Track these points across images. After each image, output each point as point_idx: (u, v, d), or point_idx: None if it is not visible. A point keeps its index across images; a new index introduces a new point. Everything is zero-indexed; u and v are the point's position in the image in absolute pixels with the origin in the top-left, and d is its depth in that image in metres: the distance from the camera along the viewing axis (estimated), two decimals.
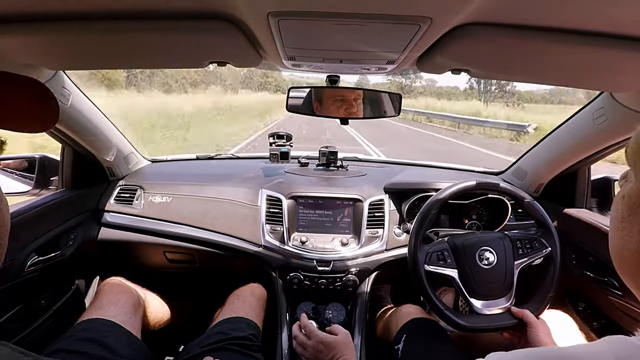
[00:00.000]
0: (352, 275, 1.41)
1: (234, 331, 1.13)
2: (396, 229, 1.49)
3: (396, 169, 1.89)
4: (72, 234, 1.37)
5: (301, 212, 1.48)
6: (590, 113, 1.18)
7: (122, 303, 1.15)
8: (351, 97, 1.31)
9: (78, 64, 1.04)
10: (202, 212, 1.52)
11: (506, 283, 1.16)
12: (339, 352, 1.00)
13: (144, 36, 0.75)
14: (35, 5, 0.65)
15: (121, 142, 1.56)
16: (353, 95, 1.31)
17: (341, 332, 1.06)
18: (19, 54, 0.84)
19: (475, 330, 1.14)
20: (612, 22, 0.62)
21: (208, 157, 2.00)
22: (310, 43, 0.80)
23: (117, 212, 1.55)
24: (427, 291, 1.15)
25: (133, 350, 1.03)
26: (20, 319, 1.18)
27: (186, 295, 1.82)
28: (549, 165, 1.46)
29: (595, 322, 1.33)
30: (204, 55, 0.89)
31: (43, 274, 1.23)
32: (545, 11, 0.60)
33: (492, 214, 1.54)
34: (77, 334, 1.00)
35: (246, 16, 0.67)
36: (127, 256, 1.68)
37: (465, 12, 0.59)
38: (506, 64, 0.86)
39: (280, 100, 3.75)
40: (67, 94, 1.16)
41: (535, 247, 1.19)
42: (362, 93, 1.31)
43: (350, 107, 1.32)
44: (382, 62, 0.91)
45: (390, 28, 0.66)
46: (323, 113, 1.32)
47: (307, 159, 1.85)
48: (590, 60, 0.77)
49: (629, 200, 0.42)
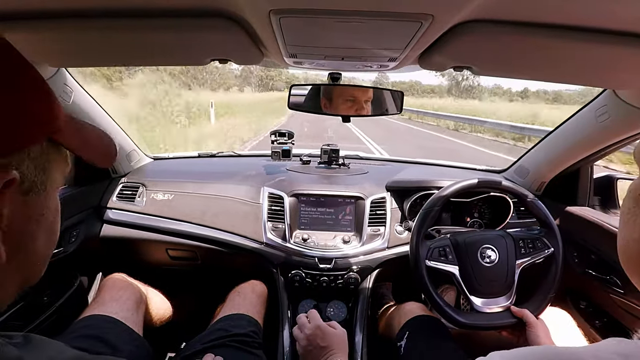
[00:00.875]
0: (354, 272, 1.42)
1: (235, 328, 1.13)
2: (398, 227, 1.49)
3: (398, 167, 1.89)
4: (74, 230, 1.37)
5: (303, 210, 1.49)
6: (593, 111, 1.18)
7: (124, 300, 1.16)
8: (363, 99, 1.31)
9: (80, 61, 1.04)
10: (204, 210, 1.52)
11: (507, 282, 1.16)
12: (334, 345, 0.99)
13: (146, 33, 0.75)
14: (38, 3, 0.65)
15: (123, 140, 1.56)
16: (365, 97, 1.31)
17: (339, 328, 1.06)
18: (21, 51, 0.84)
19: (474, 328, 1.15)
20: (616, 19, 0.61)
21: (210, 155, 2.00)
22: (312, 40, 0.80)
23: (119, 209, 1.55)
24: (428, 287, 1.15)
25: (135, 346, 1.03)
26: (23, 315, 1.18)
27: (188, 292, 1.82)
28: (551, 163, 1.45)
29: (597, 321, 1.33)
30: (205, 53, 0.89)
31: (45, 271, 1.23)
32: (547, 8, 0.60)
33: (494, 212, 1.54)
34: (79, 331, 1.00)
35: (248, 14, 0.66)
36: (130, 253, 1.68)
37: (467, 9, 0.58)
38: (509, 61, 0.86)
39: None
40: (69, 91, 1.16)
41: (538, 247, 1.19)
42: (372, 94, 1.31)
43: (361, 109, 1.32)
44: (384, 59, 0.91)
45: (391, 25, 0.65)
46: (332, 111, 1.31)
47: (309, 157, 1.85)
48: (594, 58, 0.76)
49: (634, 194, 0.44)
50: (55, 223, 0.49)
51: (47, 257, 0.50)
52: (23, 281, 0.46)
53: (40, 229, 0.45)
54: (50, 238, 0.49)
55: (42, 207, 0.45)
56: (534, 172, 1.55)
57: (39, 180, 0.43)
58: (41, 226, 0.45)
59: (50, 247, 0.49)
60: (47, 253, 0.49)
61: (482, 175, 1.82)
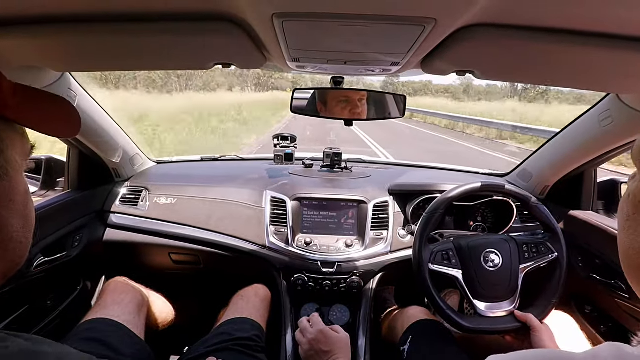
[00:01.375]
0: (357, 277, 1.41)
1: (238, 332, 1.13)
2: (401, 231, 1.48)
3: (400, 171, 1.89)
4: (78, 234, 1.37)
5: (305, 214, 1.48)
6: (596, 115, 1.17)
7: (125, 303, 1.16)
8: (355, 98, 1.30)
9: (83, 66, 1.04)
10: (206, 214, 1.52)
11: (511, 286, 1.15)
12: (336, 349, 0.99)
13: (149, 38, 0.76)
14: (41, 8, 0.65)
15: (127, 144, 1.57)
16: (357, 96, 1.30)
17: (342, 332, 1.05)
18: (26, 56, 0.84)
19: (478, 332, 1.14)
20: (620, 23, 0.61)
21: (212, 159, 2.01)
22: (315, 44, 0.80)
23: (122, 214, 1.55)
24: (431, 291, 1.14)
25: (136, 350, 1.03)
26: (27, 319, 1.18)
27: (190, 296, 1.82)
28: (555, 167, 1.45)
29: (601, 325, 1.32)
30: (208, 57, 0.89)
31: (49, 275, 1.24)
32: (550, 12, 0.60)
33: (497, 216, 1.54)
34: (81, 334, 1.00)
35: (250, 17, 0.67)
36: (133, 257, 1.68)
37: (470, 13, 0.58)
38: (511, 65, 0.86)
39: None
40: (74, 96, 1.17)
41: (542, 251, 1.18)
42: (366, 94, 1.31)
43: (355, 108, 1.31)
44: (387, 63, 0.91)
45: (394, 29, 0.66)
46: (327, 114, 1.32)
47: (311, 161, 1.85)
48: (597, 62, 0.76)
49: (634, 199, 0.43)
50: (26, 206, 0.47)
51: (26, 241, 0.48)
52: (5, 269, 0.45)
53: (12, 215, 0.44)
54: (26, 222, 0.47)
55: (8, 192, 0.44)
56: (537, 176, 1.54)
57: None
58: (12, 212, 0.44)
59: (27, 231, 0.48)
60: (26, 237, 0.48)
61: (485, 178, 1.82)
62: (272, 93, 36.67)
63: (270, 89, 44.81)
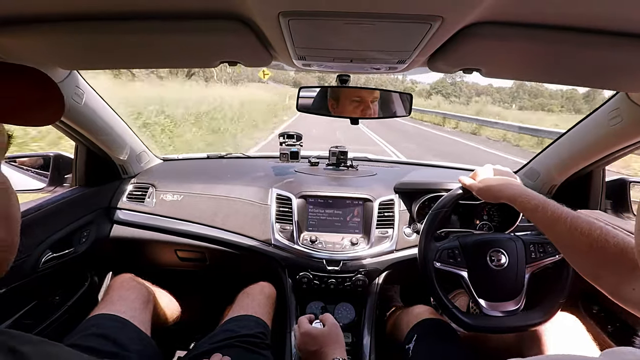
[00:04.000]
0: (362, 275, 1.41)
1: (243, 329, 1.14)
2: (406, 229, 1.48)
3: (406, 169, 1.88)
4: (85, 231, 1.39)
5: (311, 212, 1.49)
6: (605, 113, 1.16)
7: (132, 299, 1.17)
8: (369, 99, 1.31)
9: (90, 64, 1.05)
10: (213, 211, 1.53)
11: (516, 286, 1.14)
12: (323, 345, 0.98)
13: (156, 36, 0.76)
14: (48, 6, 0.66)
15: (134, 141, 1.58)
16: (370, 97, 1.31)
17: (328, 323, 1.04)
18: (33, 54, 0.85)
19: (483, 331, 1.14)
20: (629, 21, 0.60)
21: (219, 156, 2.01)
22: (321, 43, 0.80)
23: (129, 210, 1.56)
24: (436, 288, 1.14)
25: (142, 346, 1.04)
26: (35, 315, 1.20)
27: (196, 293, 1.83)
28: (563, 166, 1.43)
29: (609, 326, 1.30)
30: (215, 55, 0.89)
31: (57, 271, 1.25)
32: (558, 10, 0.59)
33: (504, 215, 1.52)
34: (87, 330, 1.01)
35: (257, 16, 0.67)
36: (139, 254, 1.70)
37: (477, 11, 0.58)
38: (519, 63, 0.85)
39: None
40: (81, 94, 1.18)
41: (548, 251, 1.17)
42: (379, 94, 1.31)
43: (367, 108, 1.32)
44: (393, 61, 0.91)
45: (400, 27, 0.65)
46: (339, 113, 1.32)
47: (317, 159, 1.85)
48: (606, 60, 0.75)
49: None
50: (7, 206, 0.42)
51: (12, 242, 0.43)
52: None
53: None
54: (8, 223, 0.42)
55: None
56: (544, 175, 1.53)
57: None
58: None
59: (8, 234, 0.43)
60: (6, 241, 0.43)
61: None
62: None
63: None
